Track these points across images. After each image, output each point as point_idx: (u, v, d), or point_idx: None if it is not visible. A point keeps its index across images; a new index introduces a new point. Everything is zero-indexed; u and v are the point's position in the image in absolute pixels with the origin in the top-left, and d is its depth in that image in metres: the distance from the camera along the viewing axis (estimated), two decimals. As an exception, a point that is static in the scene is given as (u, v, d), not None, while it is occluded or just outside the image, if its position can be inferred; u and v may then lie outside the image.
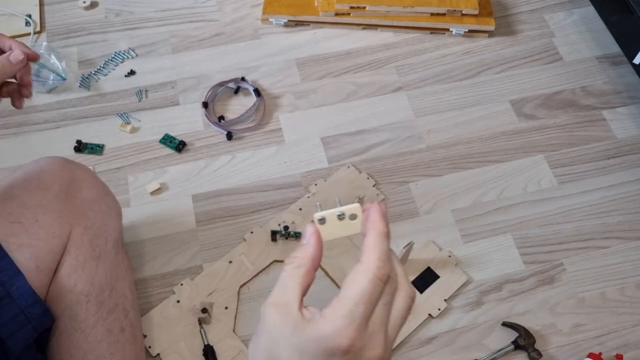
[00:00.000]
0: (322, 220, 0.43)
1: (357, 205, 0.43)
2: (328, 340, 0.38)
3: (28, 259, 0.71)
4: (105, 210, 0.83)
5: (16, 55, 0.74)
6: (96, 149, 1.11)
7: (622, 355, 0.90)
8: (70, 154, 1.10)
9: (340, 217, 0.43)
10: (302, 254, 0.42)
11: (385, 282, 0.40)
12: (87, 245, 0.77)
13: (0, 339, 0.66)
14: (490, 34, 1.28)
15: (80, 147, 1.10)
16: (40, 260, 0.72)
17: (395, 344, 0.90)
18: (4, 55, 0.74)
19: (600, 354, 0.89)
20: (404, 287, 0.41)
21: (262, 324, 0.40)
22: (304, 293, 0.41)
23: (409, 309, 0.41)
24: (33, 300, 0.69)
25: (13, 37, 1.26)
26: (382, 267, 0.39)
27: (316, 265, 0.42)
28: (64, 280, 0.74)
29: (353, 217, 0.43)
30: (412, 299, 0.42)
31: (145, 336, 0.90)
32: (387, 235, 0.41)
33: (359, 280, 0.39)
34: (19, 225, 0.72)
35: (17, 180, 0.77)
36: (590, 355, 0.89)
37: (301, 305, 0.40)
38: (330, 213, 0.43)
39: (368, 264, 0.39)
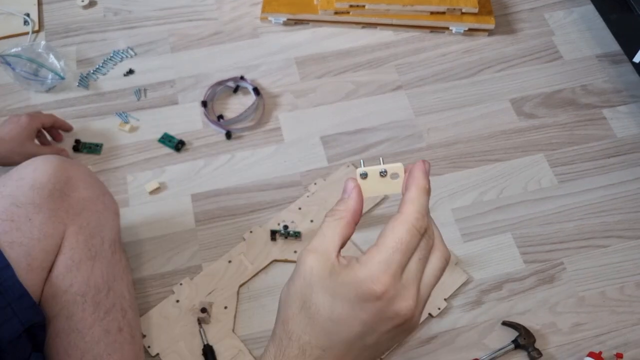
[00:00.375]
0: (364, 176, 0.44)
1: (399, 164, 0.44)
2: (362, 285, 0.39)
3: (20, 256, 0.70)
4: (101, 209, 0.82)
5: (64, 155, 1.05)
6: (95, 148, 1.10)
7: (622, 354, 0.90)
8: (69, 153, 1.10)
9: (382, 174, 0.44)
10: (342, 206, 0.43)
11: (422, 235, 0.41)
12: (83, 245, 0.77)
13: None
14: (490, 32, 1.28)
15: (78, 146, 1.10)
16: (32, 258, 0.72)
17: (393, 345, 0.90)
18: (56, 150, 1.05)
19: (600, 353, 0.88)
20: (440, 248, 0.43)
21: (298, 269, 0.41)
22: (342, 243, 0.42)
23: (442, 270, 0.42)
24: (20, 293, 0.69)
25: (11, 36, 1.26)
26: (420, 219, 0.41)
27: (356, 218, 0.43)
28: (59, 281, 0.74)
29: (395, 176, 0.44)
30: (447, 261, 0.43)
31: (144, 336, 0.90)
32: (428, 192, 0.43)
33: (397, 229, 0.40)
34: (10, 223, 0.72)
35: (11, 179, 0.76)
36: (590, 354, 0.89)
37: (339, 254, 0.41)
38: (372, 169, 0.44)
39: (407, 215, 0.41)
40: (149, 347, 0.89)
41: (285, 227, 1.00)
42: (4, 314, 0.67)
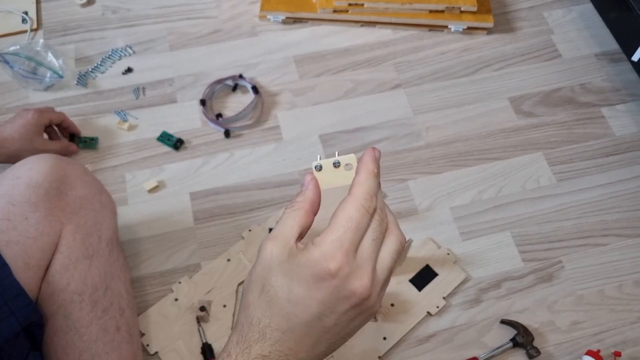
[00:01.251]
0: (319, 168, 0.46)
1: (352, 155, 0.46)
2: (317, 264, 0.40)
3: (16, 255, 0.70)
4: (98, 208, 0.82)
5: (73, 150, 1.07)
6: (90, 142, 1.10)
7: (620, 353, 0.90)
8: (77, 149, 1.10)
9: (336, 164, 0.46)
10: (300, 197, 0.45)
11: (371, 214, 0.43)
12: (80, 244, 0.77)
13: None
14: (489, 31, 1.28)
15: (73, 140, 1.10)
16: (29, 257, 0.72)
17: (392, 342, 0.90)
18: (64, 146, 1.06)
19: (598, 351, 0.89)
20: (394, 232, 0.44)
21: (259, 256, 0.43)
22: (301, 232, 0.44)
23: (398, 252, 0.44)
24: (17, 292, 0.69)
25: (9, 34, 1.26)
26: (369, 200, 0.43)
27: (314, 208, 0.45)
28: (56, 279, 0.74)
29: (349, 167, 0.46)
30: (402, 244, 0.44)
31: (143, 334, 0.90)
32: (376, 176, 0.44)
33: (347, 209, 0.42)
34: (6, 222, 0.72)
35: (7, 178, 0.76)
36: (588, 352, 0.89)
37: (298, 240, 0.43)
38: (326, 161, 0.46)
39: (356, 195, 0.43)
40: (147, 345, 0.89)
41: (284, 225, 1.00)
42: (1, 312, 0.67)
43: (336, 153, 0.48)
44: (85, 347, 0.74)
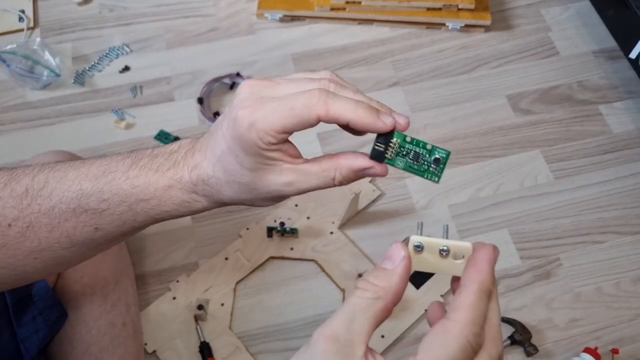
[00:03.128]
0: (419, 248, 0.35)
1: (469, 245, 0.35)
2: None
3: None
4: None
5: (375, 171, 0.44)
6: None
7: (618, 350, 0.90)
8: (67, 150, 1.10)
9: (443, 252, 0.35)
10: (383, 282, 0.32)
11: (476, 352, 0.32)
12: None
13: (15, 341, 0.66)
14: (487, 28, 1.28)
15: (378, 158, 0.49)
16: None
17: (390, 341, 0.90)
18: (344, 174, 0.44)
19: (596, 348, 0.89)
20: None
21: (311, 356, 0.31)
22: (373, 332, 0.32)
23: None
24: (52, 302, 0.69)
25: (6, 33, 1.25)
26: (477, 335, 0.31)
27: (397, 301, 0.33)
28: (71, 271, 0.74)
29: (458, 257, 0.36)
30: None
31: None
32: (491, 293, 0.33)
33: (450, 347, 0.30)
34: None
35: None
36: (586, 349, 0.89)
37: (367, 349, 0.31)
38: (431, 242, 0.35)
39: (463, 326, 0.31)
40: (145, 344, 0.89)
41: (282, 224, 1.00)
42: (35, 323, 0.67)
43: (444, 228, 0.38)
44: (93, 340, 0.74)
